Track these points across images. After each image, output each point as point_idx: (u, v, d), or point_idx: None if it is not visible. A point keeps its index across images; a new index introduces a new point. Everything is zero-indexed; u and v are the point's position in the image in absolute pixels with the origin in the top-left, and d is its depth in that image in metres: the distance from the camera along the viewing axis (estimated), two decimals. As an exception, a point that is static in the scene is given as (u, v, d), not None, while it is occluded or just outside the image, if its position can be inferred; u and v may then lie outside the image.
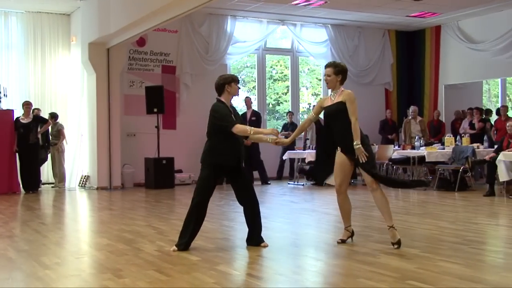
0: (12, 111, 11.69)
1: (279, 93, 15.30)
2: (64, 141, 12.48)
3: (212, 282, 4.14)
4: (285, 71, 15.22)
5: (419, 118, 13.11)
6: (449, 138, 11.57)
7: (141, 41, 12.84)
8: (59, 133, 12.36)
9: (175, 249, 5.31)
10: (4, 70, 12.80)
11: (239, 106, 13.22)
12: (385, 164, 12.68)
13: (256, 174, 12.71)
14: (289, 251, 5.35)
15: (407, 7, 13.00)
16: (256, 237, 5.46)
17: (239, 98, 13.16)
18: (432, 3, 12.57)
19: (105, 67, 12.15)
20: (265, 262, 4.93)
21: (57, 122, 12.43)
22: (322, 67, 15.14)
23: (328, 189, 11.23)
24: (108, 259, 5.01)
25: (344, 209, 5.57)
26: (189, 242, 5.33)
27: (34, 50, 13.04)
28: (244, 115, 12.87)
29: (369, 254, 5.02)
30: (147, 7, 9.47)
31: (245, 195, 5.45)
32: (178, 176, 12.73)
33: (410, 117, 13.04)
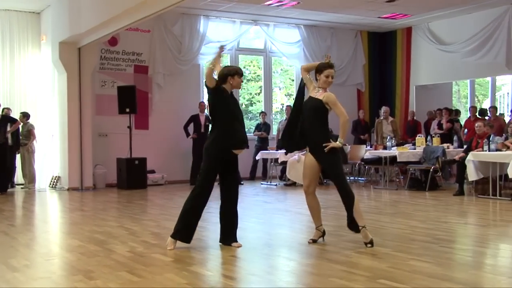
0: (-20, 110, 11.50)
1: (252, 94, 15.31)
2: (34, 142, 12.30)
3: (185, 282, 4.12)
4: (258, 71, 15.23)
5: (390, 119, 13.25)
6: (420, 138, 11.71)
7: (113, 41, 12.72)
8: (29, 133, 12.17)
9: (171, 246, 5.28)
10: (-28, 69, 12.59)
11: (193, 110, 13.06)
12: (357, 164, 12.81)
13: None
14: (262, 251, 5.35)
15: (379, 9, 13.13)
16: (232, 236, 5.46)
17: (194, 103, 13.10)
18: (403, 4, 12.72)
19: (76, 67, 12.01)
20: (238, 262, 4.93)
21: (28, 122, 12.25)
22: (295, 67, 15.23)
23: (301, 189, 11.24)
24: (79, 260, 4.95)
25: (313, 209, 5.60)
26: (189, 234, 5.32)
27: (3, 49, 12.82)
28: (196, 118, 12.75)
29: (342, 253, 5.05)
30: (119, 6, 9.38)
31: (229, 189, 5.48)
32: (150, 176, 12.65)
33: (382, 118, 13.18)
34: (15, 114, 12.22)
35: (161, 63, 13.17)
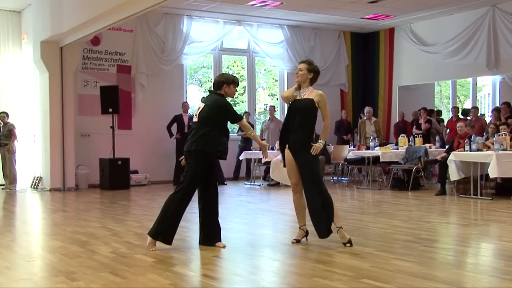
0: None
1: (235, 94, 15.30)
2: (15, 142, 12.18)
3: (168, 283, 4.10)
4: (241, 71, 15.22)
5: (373, 119, 13.34)
6: (402, 139, 11.79)
7: (95, 40, 12.64)
8: (10, 133, 12.04)
9: (153, 247, 5.25)
10: (-48, 69, 12.42)
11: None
12: (340, 164, 12.85)
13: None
14: (245, 251, 5.35)
15: (362, 9, 13.19)
16: (216, 236, 5.45)
17: (177, 103, 13.08)
18: (386, 5, 12.80)
19: (58, 66, 11.91)
20: (221, 262, 4.92)
21: (9, 122, 12.12)
22: (279, 68, 15.25)
23: (285, 189, 11.29)
24: (61, 261, 4.91)
25: (299, 208, 5.60)
26: (172, 235, 5.29)
27: (-17, 48, 12.70)
28: (179, 118, 12.74)
29: (325, 253, 5.07)
30: (101, 5, 9.33)
31: (211, 191, 5.46)
32: (133, 177, 12.59)
33: (365, 118, 13.24)
34: (-4, 114, 12.11)
35: (144, 63, 13.12)
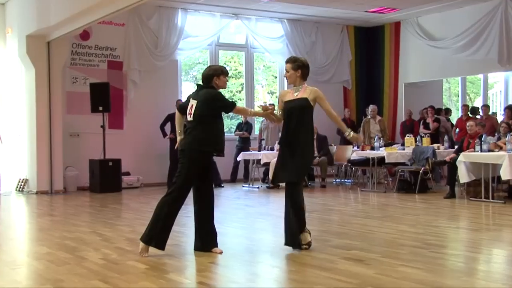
0: None
1: (233, 91, 15.28)
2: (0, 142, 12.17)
3: (161, 292, 4.09)
4: (239, 67, 15.22)
5: (378, 118, 13.32)
6: (408, 139, 11.78)
7: (85, 34, 12.62)
8: (-6, 133, 12.05)
9: (145, 253, 5.24)
10: None
11: (170, 108, 13.01)
12: (343, 166, 12.85)
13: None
14: (243, 257, 5.34)
15: (366, 2, 13.19)
16: (212, 241, 5.44)
17: (171, 101, 13.06)
18: (391, -2, 12.81)
19: (45, 62, 11.89)
20: (218, 269, 4.90)
21: (-8, 121, 12.13)
22: (278, 63, 15.25)
23: (283, 192, 11.26)
24: (47, 269, 4.89)
25: None
26: (165, 240, 5.26)
27: (-35, 42, 12.68)
28: (173, 117, 12.72)
29: (327, 259, 5.05)
30: (91, -3, 9.32)
31: (206, 194, 5.46)
32: (125, 179, 12.58)
33: (369, 117, 13.24)
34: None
35: (136, 58, 13.10)
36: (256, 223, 7.72)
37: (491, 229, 7.07)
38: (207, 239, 5.46)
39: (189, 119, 5.45)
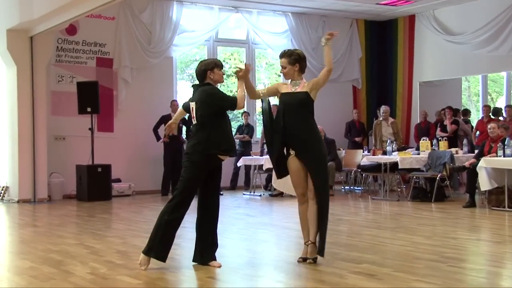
0: None
1: (232, 91, 15.30)
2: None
3: (155, 309, 4.08)
4: (239, 65, 15.21)
5: (391, 120, 13.31)
6: (424, 142, 11.76)
7: (71, 29, 12.64)
8: (-27, 136, 12.05)
9: (145, 265, 5.25)
10: None
11: (164, 109, 13.01)
12: (353, 172, 12.84)
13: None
14: (244, 271, 5.33)
15: (378, -6, 13.21)
16: (210, 253, 5.44)
17: (166, 101, 13.10)
18: (405, -11, 12.82)
19: (28, 59, 11.90)
20: (217, 284, 4.90)
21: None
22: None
23: (289, 200, 11.27)
24: (30, 285, 4.89)
25: (305, 221, 5.57)
26: (166, 251, 5.29)
27: None
28: (168, 119, 12.75)
29: (336, 274, 5.04)
30: (78, -11, 9.34)
31: (211, 203, 5.50)
32: (115, 186, 12.57)
33: (381, 118, 13.23)
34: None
35: (127, 55, 13.11)
36: (258, 234, 7.71)
37: (514, 241, 7.07)
38: (206, 251, 5.46)
39: (194, 122, 5.51)
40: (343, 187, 13.37)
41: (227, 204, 10.99)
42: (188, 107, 5.58)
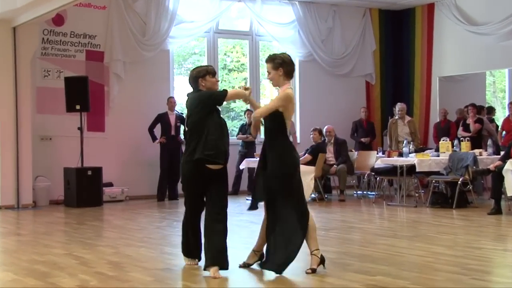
0: None
1: (234, 87, 15.30)
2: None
3: (150, 325, 4.07)
4: (242, 59, 15.22)
5: (408, 118, 13.28)
6: (444, 143, 11.73)
7: (58, 19, 12.64)
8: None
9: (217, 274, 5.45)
10: None
11: (160, 107, 13.04)
12: (366, 175, 12.81)
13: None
14: (247, 283, 5.32)
15: (393, -19, 13.20)
16: (207, 256, 5.67)
17: (162, 98, 13.15)
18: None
19: (11, 52, 11.89)
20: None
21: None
22: (289, 54, 15.17)
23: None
24: (14, 298, 4.89)
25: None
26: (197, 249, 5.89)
27: None
28: (164, 117, 12.80)
29: (347, 287, 5.02)
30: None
31: (210, 207, 5.82)
32: (107, 191, 12.56)
33: (396, 117, 13.21)
34: None
35: (120, 48, 13.09)
36: (262, 244, 7.69)
37: (544, 251, 7.05)
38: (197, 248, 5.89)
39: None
40: (355, 192, 13.35)
41: (229, 211, 10.88)
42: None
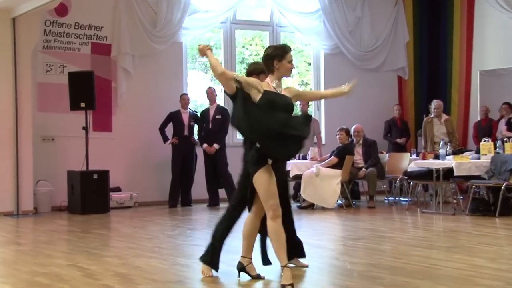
0: None
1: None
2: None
3: None
4: (262, 52, 15.17)
5: (445, 117, 13.21)
6: (485, 144, 11.64)
7: (61, 9, 12.68)
8: None
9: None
10: None
11: (199, 100, 13.11)
12: (398, 180, 12.74)
13: (222, 192, 12.65)
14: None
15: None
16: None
17: (174, 95, 13.18)
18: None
19: (10, 45, 11.95)
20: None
21: None
22: (313, 46, 15.21)
23: (321, 213, 11.23)
24: (13, 313, 4.90)
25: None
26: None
27: None
28: (205, 113, 12.84)
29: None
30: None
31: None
32: (114, 196, 12.60)
33: (432, 115, 13.13)
34: None
35: (129, 40, 13.12)
36: (284, 255, 7.66)
37: None
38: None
39: None
40: (386, 198, 13.30)
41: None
42: None
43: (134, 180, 13.12)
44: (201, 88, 14.11)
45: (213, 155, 12.57)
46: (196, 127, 12.91)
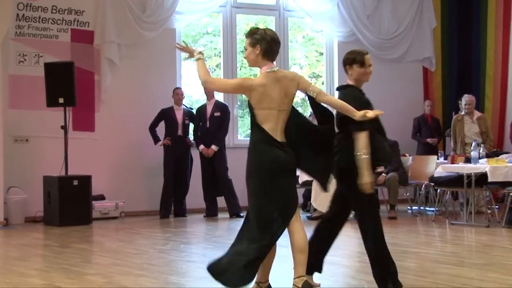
0: None
1: (257, 74, 15.31)
2: None
3: None
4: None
5: (477, 114, 13.20)
6: (525, 145, 11.67)
7: (37, -9, 12.74)
8: None
9: None
10: None
11: (194, 95, 13.10)
12: (423, 186, 12.72)
13: (221, 201, 12.65)
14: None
15: None
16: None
17: (167, 90, 13.24)
18: None
19: (-22, 32, 12.02)
20: None
21: None
22: (325, 34, 15.21)
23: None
24: None
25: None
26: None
27: None
28: (202, 110, 12.84)
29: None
30: None
31: None
32: (97, 205, 12.61)
33: (463, 113, 13.13)
34: None
35: (114, 27, 13.12)
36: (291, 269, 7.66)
37: None
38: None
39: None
40: (409, 207, 13.30)
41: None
42: None
43: (120, 187, 13.12)
44: (197, 81, 14.09)
45: (211, 158, 12.56)
46: (191, 126, 12.91)
